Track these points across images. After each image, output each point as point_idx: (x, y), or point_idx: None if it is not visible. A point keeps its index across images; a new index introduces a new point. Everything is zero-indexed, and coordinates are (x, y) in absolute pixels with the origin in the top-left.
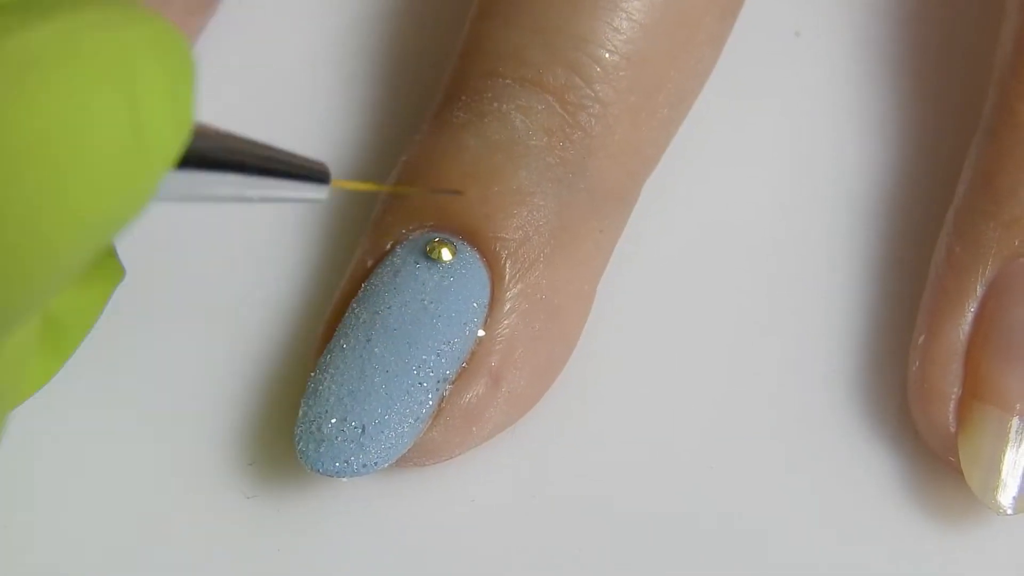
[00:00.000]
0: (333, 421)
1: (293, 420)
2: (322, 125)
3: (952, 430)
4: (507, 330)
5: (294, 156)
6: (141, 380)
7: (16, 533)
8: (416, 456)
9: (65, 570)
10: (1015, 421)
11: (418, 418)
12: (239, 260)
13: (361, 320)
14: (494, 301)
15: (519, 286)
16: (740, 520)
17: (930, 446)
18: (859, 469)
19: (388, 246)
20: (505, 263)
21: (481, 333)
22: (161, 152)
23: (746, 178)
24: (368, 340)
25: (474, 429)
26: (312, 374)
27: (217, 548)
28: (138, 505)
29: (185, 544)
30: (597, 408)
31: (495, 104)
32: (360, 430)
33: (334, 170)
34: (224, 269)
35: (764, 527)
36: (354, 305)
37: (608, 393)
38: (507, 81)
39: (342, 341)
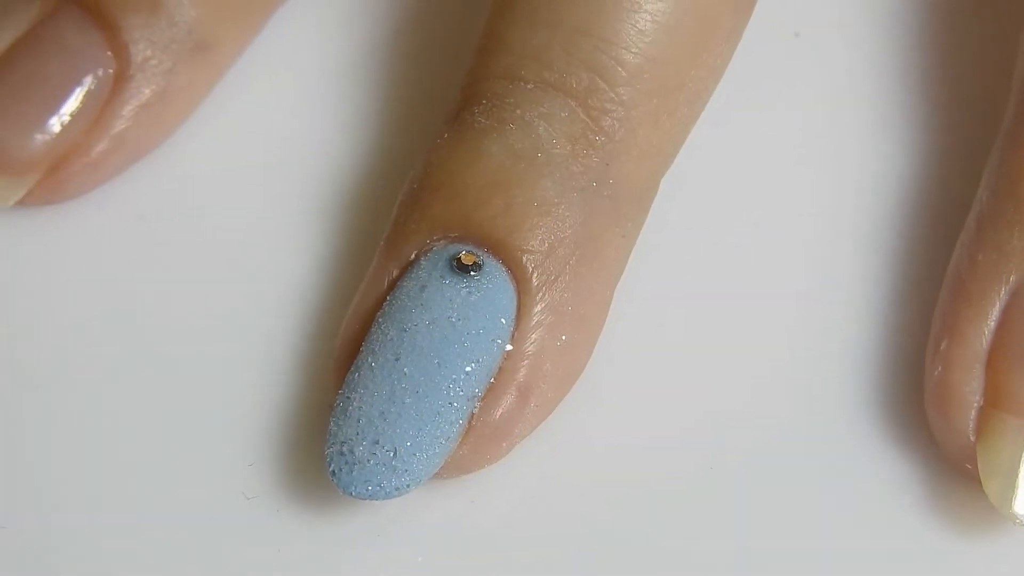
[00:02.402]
0: (365, 444)
1: (293, 421)
2: (335, 122)
3: (972, 438)
4: (535, 345)
5: None
6: (140, 381)
7: (16, 535)
8: (445, 471)
9: (65, 571)
10: None
11: (449, 438)
12: (239, 260)
13: (388, 337)
14: (521, 315)
15: (546, 299)
16: (751, 524)
17: (946, 452)
18: (872, 474)
19: (412, 255)
20: (532, 276)
21: (508, 347)
22: None
23: (746, 178)
24: (397, 359)
25: (504, 445)
26: (340, 391)
27: (218, 549)
28: (137, 506)
29: (185, 545)
30: (599, 408)
31: (518, 111)
32: (392, 453)
33: (348, 170)
34: (224, 270)
35: (775, 531)
36: (380, 320)
37: (611, 393)
38: (529, 86)
39: (370, 359)
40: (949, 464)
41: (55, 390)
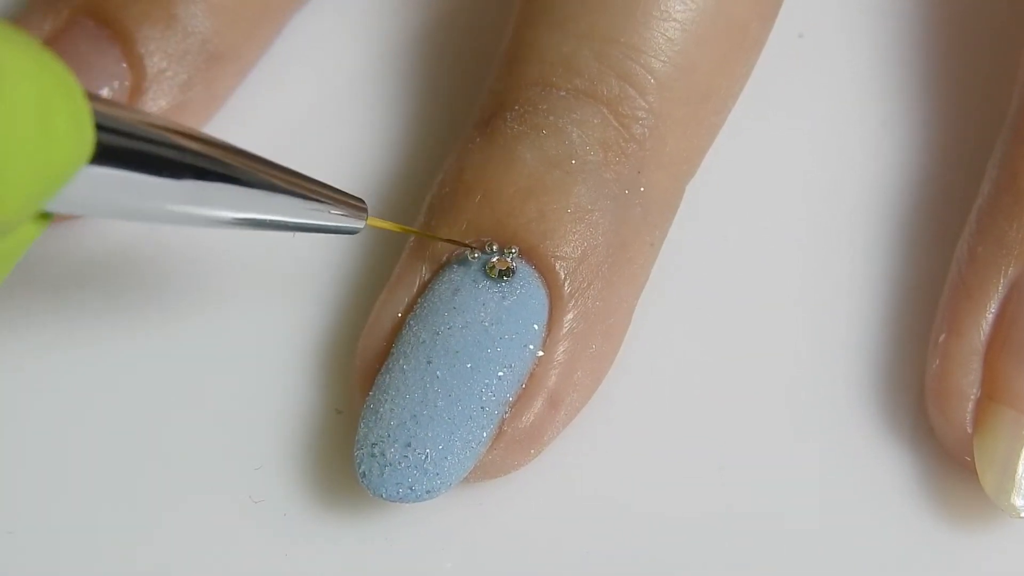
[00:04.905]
0: (396, 446)
1: (300, 425)
2: (356, 126)
3: (969, 430)
4: (566, 354)
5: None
6: (148, 384)
7: (23, 538)
8: (472, 475)
9: (72, 573)
10: None
11: (480, 442)
12: (254, 261)
13: (421, 340)
14: (553, 321)
15: (578, 307)
16: (752, 517)
17: (945, 445)
18: (873, 467)
19: (444, 258)
20: (564, 283)
21: (540, 353)
22: (65, 142)
23: (750, 179)
24: (429, 362)
25: (532, 451)
26: (370, 393)
27: (225, 552)
28: (145, 509)
29: (193, 548)
30: (607, 408)
31: (551, 117)
32: (424, 456)
33: (369, 172)
34: (233, 272)
35: (776, 524)
36: (411, 322)
37: (618, 394)
38: (561, 93)
39: (401, 361)
40: (948, 457)
41: (63, 393)
